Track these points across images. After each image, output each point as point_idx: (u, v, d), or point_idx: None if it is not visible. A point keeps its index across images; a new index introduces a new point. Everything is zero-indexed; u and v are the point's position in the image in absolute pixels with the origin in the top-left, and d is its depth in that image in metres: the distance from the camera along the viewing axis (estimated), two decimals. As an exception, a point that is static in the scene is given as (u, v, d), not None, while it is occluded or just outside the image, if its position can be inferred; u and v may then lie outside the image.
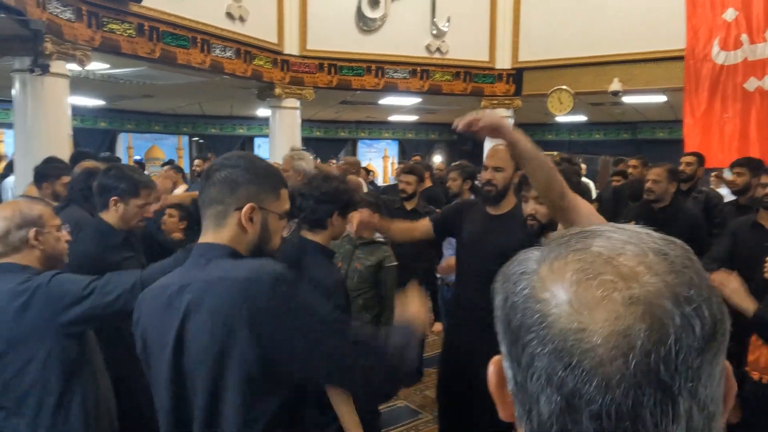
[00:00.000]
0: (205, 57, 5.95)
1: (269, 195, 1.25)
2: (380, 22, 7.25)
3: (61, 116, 4.87)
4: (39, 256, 1.69)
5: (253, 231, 1.22)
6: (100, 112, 10.65)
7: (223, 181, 1.21)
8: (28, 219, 1.65)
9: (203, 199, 1.24)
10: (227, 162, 1.24)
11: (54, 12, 4.49)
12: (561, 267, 0.44)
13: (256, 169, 1.24)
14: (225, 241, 1.20)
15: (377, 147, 13.81)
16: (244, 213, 1.20)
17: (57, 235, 1.74)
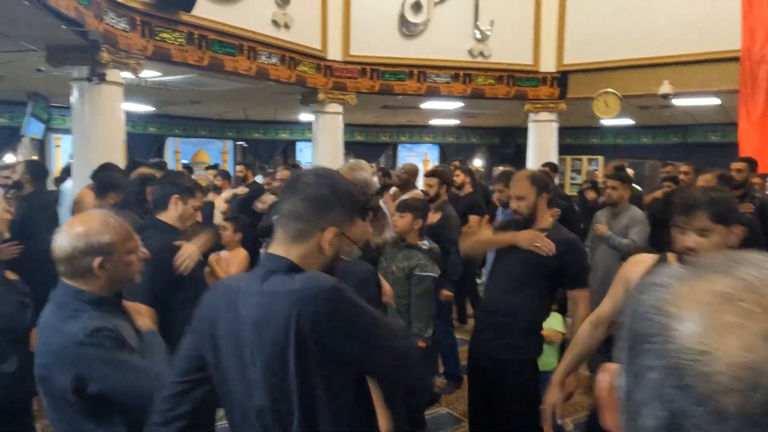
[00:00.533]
0: (252, 64, 6.08)
1: (349, 220, 1.27)
2: (423, 27, 7.25)
3: (116, 122, 5.06)
4: (102, 283, 1.56)
5: (329, 254, 1.23)
6: (149, 117, 11.02)
7: (312, 200, 1.22)
8: (95, 246, 1.52)
9: (288, 210, 1.24)
10: (319, 180, 1.25)
11: (110, 23, 4.68)
12: (700, 286, 0.43)
13: (344, 193, 1.26)
14: (295, 257, 1.21)
15: (418, 151, 13.81)
16: (327, 236, 1.22)
17: (128, 259, 1.60)
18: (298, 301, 1.10)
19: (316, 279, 1.15)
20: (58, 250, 1.52)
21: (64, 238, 1.52)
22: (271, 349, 1.12)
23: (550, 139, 8.00)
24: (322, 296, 1.10)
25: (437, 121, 12.10)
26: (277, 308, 1.12)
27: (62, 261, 1.52)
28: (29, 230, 3.90)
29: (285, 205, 1.25)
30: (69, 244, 1.51)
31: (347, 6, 7.01)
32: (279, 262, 1.21)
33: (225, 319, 1.21)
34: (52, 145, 10.47)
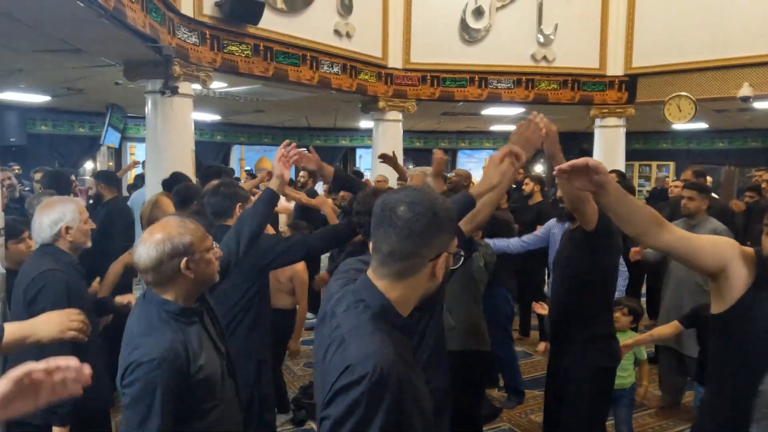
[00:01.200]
0: (314, 73, 6.20)
1: (452, 238, 1.19)
2: (484, 33, 7.17)
3: (186, 132, 5.27)
4: (189, 287, 1.62)
5: (440, 277, 1.17)
6: (216, 126, 11.44)
7: (418, 235, 1.12)
8: (179, 248, 1.57)
9: (389, 248, 1.13)
10: (418, 209, 1.12)
11: (182, 37, 4.89)
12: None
13: (443, 215, 1.15)
14: (395, 295, 1.15)
15: (478, 157, 13.65)
16: (440, 263, 1.15)
17: (207, 258, 1.65)
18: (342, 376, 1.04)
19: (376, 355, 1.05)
20: (143, 260, 1.55)
21: (147, 247, 1.55)
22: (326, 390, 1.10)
23: (617, 144, 7.72)
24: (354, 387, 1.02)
25: (498, 126, 11.92)
26: (332, 365, 1.10)
27: (149, 270, 1.56)
28: (109, 236, 4.11)
29: (383, 244, 1.14)
30: (155, 251, 1.55)
31: (408, 14, 7.03)
32: (374, 300, 1.15)
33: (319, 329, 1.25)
34: (127, 153, 11.05)
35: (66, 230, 2.27)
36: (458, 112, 9.12)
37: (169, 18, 4.65)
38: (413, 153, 12.97)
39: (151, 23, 4.19)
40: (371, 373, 1.01)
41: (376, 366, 1.02)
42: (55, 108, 9.06)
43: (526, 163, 8.55)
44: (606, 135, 7.72)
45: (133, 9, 3.86)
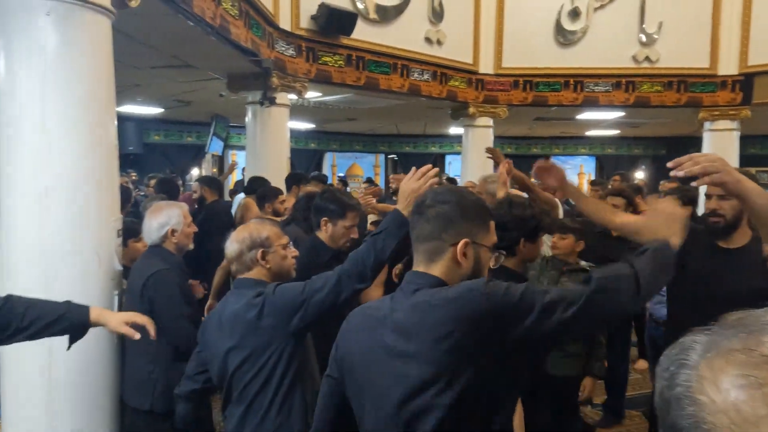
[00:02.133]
0: (404, 81, 6.27)
1: (480, 229, 1.27)
2: (581, 34, 6.90)
3: (282, 140, 5.53)
4: (267, 273, 1.87)
5: (467, 265, 1.25)
6: (310, 134, 11.88)
7: (437, 218, 1.25)
8: (256, 241, 1.85)
9: (417, 234, 1.28)
10: (439, 198, 1.27)
11: (280, 50, 5.14)
12: (721, 367, 0.39)
13: (467, 205, 1.27)
14: (437, 274, 1.25)
15: (572, 163, 13.13)
16: (459, 249, 1.23)
17: (283, 253, 1.90)
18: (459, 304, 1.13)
19: (467, 284, 1.18)
20: (229, 252, 1.87)
21: (232, 241, 1.88)
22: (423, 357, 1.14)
23: (730, 149, 7.10)
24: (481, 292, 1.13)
25: (595, 131, 11.41)
26: (431, 316, 1.15)
27: (233, 260, 1.87)
28: (206, 235, 4.39)
29: (414, 231, 1.29)
30: (236, 244, 1.86)
31: (500, 19, 6.93)
32: (424, 278, 1.24)
33: (361, 342, 1.27)
34: (229, 161, 11.74)
35: (172, 233, 2.45)
36: (552, 117, 8.84)
37: (269, 32, 4.90)
38: (504, 159, 12.71)
39: (252, 38, 4.44)
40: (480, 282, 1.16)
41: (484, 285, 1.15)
42: (166, 119, 9.82)
43: (624, 170, 8.02)
44: (717, 139, 7.15)
45: (237, 25, 4.12)
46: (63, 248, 2.22)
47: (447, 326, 1.12)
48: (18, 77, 2.21)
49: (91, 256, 2.29)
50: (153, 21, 3.50)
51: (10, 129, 2.23)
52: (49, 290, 2.18)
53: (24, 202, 2.21)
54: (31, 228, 2.20)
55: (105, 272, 2.37)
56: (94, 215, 2.32)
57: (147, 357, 2.36)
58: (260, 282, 1.87)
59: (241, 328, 1.79)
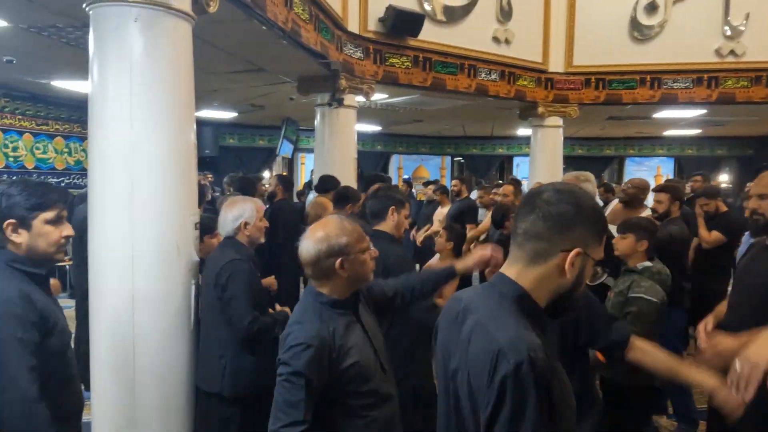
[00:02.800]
0: (471, 81, 6.22)
1: (594, 240, 1.15)
2: (658, 29, 6.60)
3: (349, 142, 5.63)
4: (342, 283, 1.75)
5: (571, 276, 1.13)
6: (376, 136, 12.01)
7: (554, 219, 1.13)
8: (335, 248, 1.71)
9: (525, 229, 1.16)
10: (560, 197, 1.15)
11: (348, 53, 5.24)
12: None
13: (588, 211, 1.15)
14: (528, 281, 1.15)
15: (648, 165, 12.55)
16: (570, 257, 1.12)
17: (362, 258, 1.77)
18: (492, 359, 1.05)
19: (520, 341, 1.05)
20: (305, 254, 1.73)
21: (309, 243, 1.73)
22: (465, 376, 1.11)
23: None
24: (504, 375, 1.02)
25: (673, 131, 10.85)
26: (480, 348, 1.09)
27: (309, 264, 1.73)
28: (273, 231, 4.52)
29: (521, 224, 1.16)
30: (314, 248, 1.72)
31: (571, 15, 6.74)
32: (509, 287, 1.16)
33: (446, 328, 1.25)
34: (298, 163, 12.08)
35: (245, 225, 2.58)
36: (626, 116, 8.49)
37: (337, 35, 5.02)
38: (575, 161, 12.33)
39: (321, 41, 4.56)
40: (527, 360, 1.01)
41: (529, 350, 1.02)
42: (240, 123, 10.23)
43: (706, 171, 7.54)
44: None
45: (307, 29, 4.24)
46: (147, 237, 2.38)
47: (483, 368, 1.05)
48: (109, 81, 2.39)
49: (171, 246, 2.43)
50: (229, 26, 3.67)
51: (102, 130, 2.41)
52: (134, 276, 2.34)
53: (114, 196, 2.39)
54: (120, 219, 2.37)
55: (183, 262, 2.51)
56: (175, 209, 2.47)
57: (217, 344, 2.49)
58: (321, 296, 1.77)
59: None
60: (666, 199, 3.84)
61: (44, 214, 1.69)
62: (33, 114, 7.09)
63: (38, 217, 1.68)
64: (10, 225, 1.66)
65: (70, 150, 7.73)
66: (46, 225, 1.70)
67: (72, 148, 7.75)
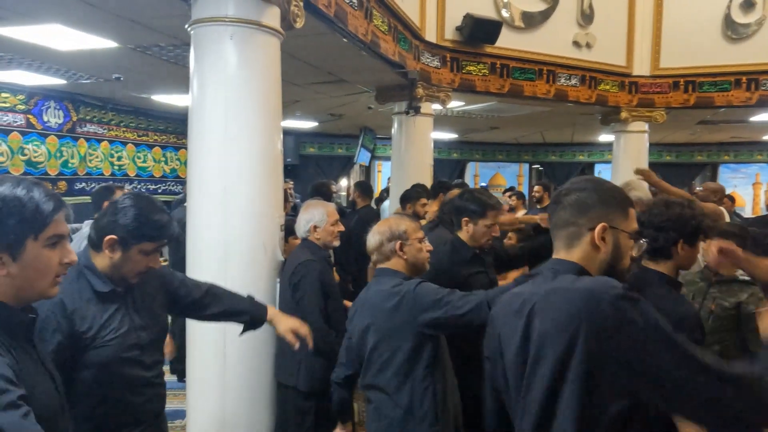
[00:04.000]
0: (550, 87, 6.13)
1: (619, 215, 1.27)
2: (755, 27, 6.21)
3: (425, 149, 5.71)
4: (404, 264, 2.05)
5: (606, 250, 1.25)
6: (452, 144, 12.01)
7: (573, 204, 1.27)
8: (395, 233, 2.04)
9: (555, 222, 1.31)
10: (575, 186, 1.31)
11: (425, 62, 5.34)
12: None
13: (603, 191, 1.29)
14: (575, 260, 1.26)
15: (746, 172, 11.71)
16: (597, 233, 1.24)
17: (419, 246, 2.07)
18: (587, 300, 1.11)
19: (607, 282, 1.14)
20: (370, 243, 2.07)
21: (374, 233, 2.08)
22: (550, 342, 1.15)
23: None
24: (610, 301, 1.08)
25: (774, 135, 10.09)
26: (564, 305, 1.15)
27: (374, 250, 2.06)
28: (357, 238, 4.69)
29: (553, 218, 1.32)
30: (377, 235, 2.06)
31: (658, 16, 6.48)
32: (563, 264, 1.27)
33: (507, 320, 1.30)
34: (375, 171, 12.30)
35: (314, 228, 2.73)
36: (719, 120, 8.00)
37: (415, 45, 5.13)
38: (663, 168, 11.71)
39: (399, 51, 4.69)
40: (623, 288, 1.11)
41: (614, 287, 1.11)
42: (320, 132, 10.59)
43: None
44: None
45: (386, 40, 4.38)
46: (238, 237, 2.57)
47: (572, 319, 1.11)
48: (207, 93, 2.62)
49: (259, 246, 2.61)
50: (312, 40, 3.87)
51: (200, 138, 2.64)
52: (226, 272, 2.53)
53: (210, 198, 2.61)
54: (214, 219, 2.59)
55: (270, 261, 2.69)
56: (263, 211, 2.66)
57: None
58: (398, 273, 2.03)
59: (380, 313, 1.96)
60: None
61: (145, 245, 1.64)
62: (135, 126, 7.73)
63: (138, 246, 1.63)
64: (111, 240, 1.61)
65: (167, 159, 8.33)
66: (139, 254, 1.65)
67: (168, 157, 8.36)
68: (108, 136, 7.27)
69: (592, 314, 1.09)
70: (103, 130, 7.18)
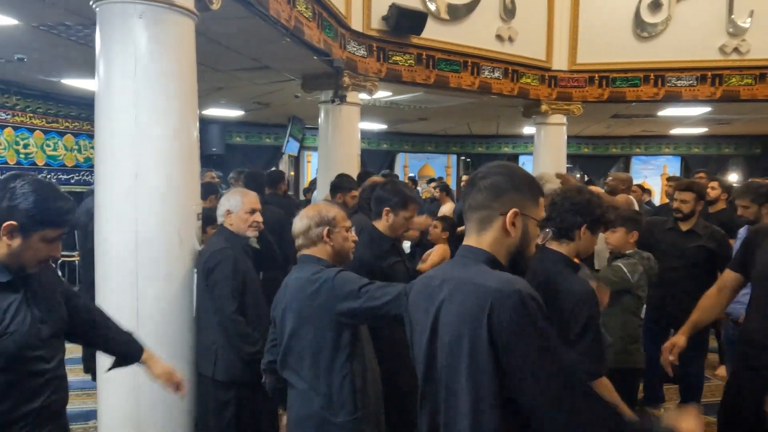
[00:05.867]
0: (475, 79, 6.27)
1: (530, 202, 1.31)
2: (662, 26, 6.61)
3: (353, 139, 5.69)
4: (329, 251, 2.01)
5: (515, 235, 1.29)
6: (382, 135, 12.07)
7: (489, 188, 1.30)
8: (324, 219, 2.00)
9: (469, 204, 1.34)
10: (491, 170, 1.33)
11: (351, 50, 5.31)
12: None
13: (518, 177, 1.32)
14: (486, 246, 1.30)
15: (655, 163, 12.52)
16: (508, 217, 1.28)
17: (345, 234, 2.05)
18: (489, 298, 1.17)
19: (514, 282, 1.19)
20: (297, 226, 2.02)
21: (301, 217, 2.03)
22: (458, 331, 1.21)
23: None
24: (510, 302, 1.15)
25: (679, 130, 10.83)
26: (472, 298, 1.20)
27: (299, 234, 2.01)
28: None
29: (467, 201, 1.34)
30: (305, 219, 2.01)
31: (575, 13, 6.77)
32: (473, 253, 1.30)
33: (420, 304, 1.34)
34: (304, 161, 12.16)
35: (227, 213, 2.68)
36: (631, 114, 8.50)
37: (341, 33, 5.09)
38: (581, 159, 12.34)
39: (325, 39, 4.63)
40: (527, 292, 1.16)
41: (525, 286, 1.18)
42: (247, 121, 10.33)
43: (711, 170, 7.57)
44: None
45: (310, 27, 4.31)
46: (150, 227, 2.46)
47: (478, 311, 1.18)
48: (114, 75, 2.48)
49: (173, 236, 2.51)
50: (234, 24, 3.75)
51: (108, 122, 2.50)
52: (137, 264, 2.42)
53: (119, 186, 2.48)
54: (124, 208, 2.46)
55: (186, 251, 2.59)
56: (177, 199, 2.55)
57: (210, 329, 2.57)
58: (321, 260, 2.00)
59: (298, 300, 1.94)
60: (691, 199, 3.59)
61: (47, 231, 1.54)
62: (44, 112, 7.22)
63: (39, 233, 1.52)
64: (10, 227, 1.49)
65: (80, 147, 7.85)
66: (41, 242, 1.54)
67: (81, 146, 7.87)
68: (12, 122, 6.76)
69: (496, 313, 1.15)
70: (7, 115, 6.67)
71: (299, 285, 1.96)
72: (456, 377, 1.22)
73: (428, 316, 1.29)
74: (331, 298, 1.88)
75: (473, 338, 1.17)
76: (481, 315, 1.16)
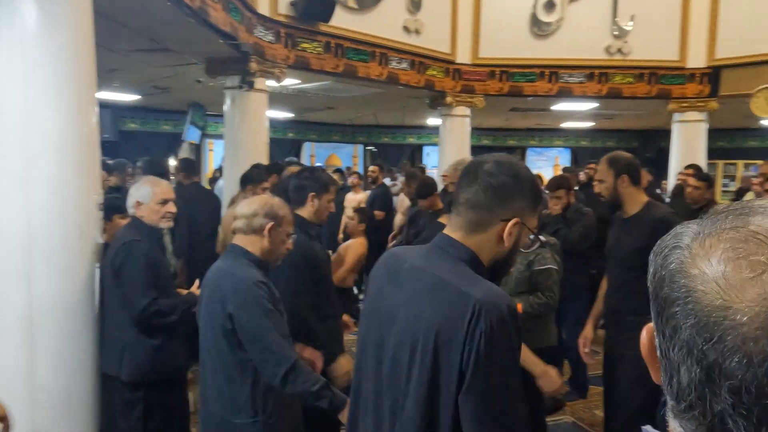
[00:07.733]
0: (383, 69, 6.33)
1: (529, 211, 1.20)
2: (555, 26, 7.05)
3: (261, 127, 5.54)
4: (263, 247, 1.92)
5: (509, 244, 1.18)
6: (288, 123, 11.86)
7: (494, 190, 1.17)
8: (273, 213, 1.93)
9: (466, 198, 1.19)
10: (501, 168, 1.18)
11: (258, 35, 5.15)
12: (713, 244, 0.44)
13: (526, 182, 1.20)
14: (473, 244, 1.17)
15: (548, 155, 13.36)
16: (509, 226, 1.16)
17: (284, 239, 1.98)
18: (470, 309, 1.05)
19: (500, 297, 1.09)
20: (242, 210, 1.93)
21: (250, 202, 1.96)
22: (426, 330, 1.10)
23: (698, 141, 7.35)
24: (493, 319, 1.04)
25: (569, 123, 11.63)
26: (452, 302, 1.09)
27: (243, 217, 1.92)
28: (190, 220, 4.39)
29: (464, 193, 1.19)
30: (254, 205, 1.93)
31: (477, 9, 7.02)
32: (457, 248, 1.18)
33: (383, 286, 1.24)
34: (206, 149, 11.66)
35: (138, 204, 2.52)
36: (527, 108, 8.99)
37: (248, 17, 4.92)
38: (481, 150, 12.83)
39: (231, 22, 4.45)
40: (508, 310, 1.06)
41: (508, 302, 1.09)
42: (143, 106, 9.72)
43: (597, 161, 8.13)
44: (685, 130, 7.38)
45: (215, 8, 4.13)
46: (44, 220, 2.25)
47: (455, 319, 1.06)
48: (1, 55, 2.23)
49: (72, 228, 2.32)
50: (131, 1, 3.50)
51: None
52: (31, 260, 2.21)
53: (8, 175, 2.24)
54: (14, 199, 2.23)
55: (86, 245, 2.40)
56: (75, 188, 2.35)
57: (116, 327, 2.43)
58: (248, 254, 1.92)
59: (208, 291, 1.94)
60: (564, 194, 4.13)
61: None
62: None
63: None
64: None
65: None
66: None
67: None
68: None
69: (473, 326, 1.05)
70: None
71: (214, 277, 1.93)
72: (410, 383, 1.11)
73: (389, 300, 1.19)
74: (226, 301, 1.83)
75: (444, 349, 1.07)
76: (458, 326, 1.05)
